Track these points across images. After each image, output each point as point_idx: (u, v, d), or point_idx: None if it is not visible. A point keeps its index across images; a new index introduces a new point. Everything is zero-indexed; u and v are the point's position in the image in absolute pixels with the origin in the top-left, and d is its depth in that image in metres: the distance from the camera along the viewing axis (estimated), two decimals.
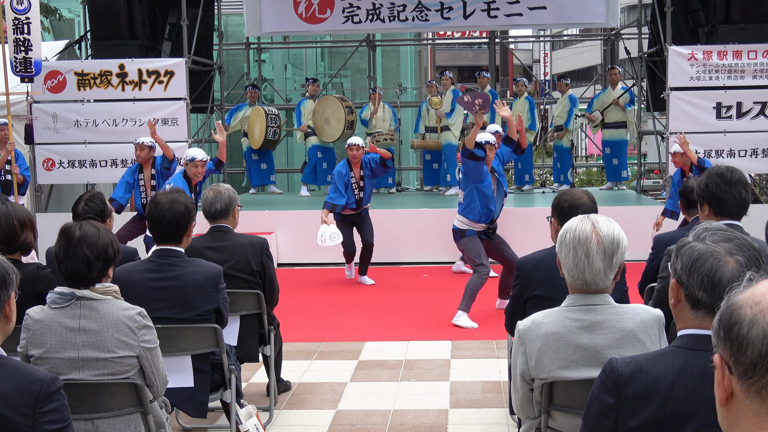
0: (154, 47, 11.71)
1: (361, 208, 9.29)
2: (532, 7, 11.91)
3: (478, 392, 5.72)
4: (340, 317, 8.04)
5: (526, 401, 3.04)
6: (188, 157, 8.30)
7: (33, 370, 2.44)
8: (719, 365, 1.46)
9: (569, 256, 2.82)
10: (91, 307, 3.27)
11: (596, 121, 13.21)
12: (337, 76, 17.18)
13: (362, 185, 9.18)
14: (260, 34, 13.16)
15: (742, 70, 10.27)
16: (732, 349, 1.42)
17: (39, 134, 10.62)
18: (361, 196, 9.21)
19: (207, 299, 4.23)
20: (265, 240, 5.21)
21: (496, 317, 7.34)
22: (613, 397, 2.17)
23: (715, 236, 2.15)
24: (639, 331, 2.84)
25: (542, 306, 3.18)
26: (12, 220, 4.05)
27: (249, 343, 5.04)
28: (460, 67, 39.29)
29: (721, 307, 1.48)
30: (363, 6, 12.15)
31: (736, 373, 1.42)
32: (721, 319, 1.47)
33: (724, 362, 1.45)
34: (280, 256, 10.62)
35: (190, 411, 4.28)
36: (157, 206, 4.19)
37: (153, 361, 3.39)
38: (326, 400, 5.63)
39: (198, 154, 8.30)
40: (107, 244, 3.32)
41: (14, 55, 9.01)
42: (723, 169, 4.22)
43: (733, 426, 1.44)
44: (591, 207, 3.94)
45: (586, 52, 37.53)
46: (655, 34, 11.86)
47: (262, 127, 12.86)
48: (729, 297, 1.47)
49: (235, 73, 17.28)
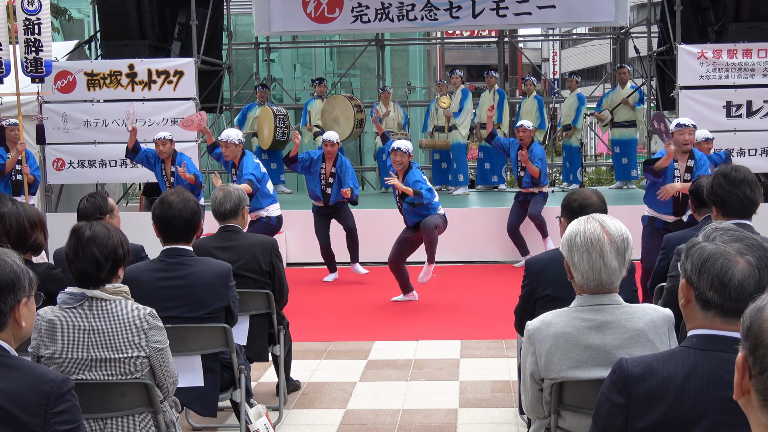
0: (163, 47, 11.74)
1: (329, 203, 9.35)
2: (541, 5, 11.90)
3: (488, 392, 5.72)
4: (349, 317, 8.05)
5: (535, 401, 3.04)
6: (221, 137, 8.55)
7: (44, 370, 2.44)
8: (741, 367, 1.45)
9: (583, 258, 2.81)
10: (102, 307, 3.28)
11: (605, 120, 13.18)
12: (346, 75, 17.19)
13: (331, 182, 9.23)
14: (269, 33, 13.18)
15: (752, 69, 10.24)
16: (755, 367, 1.42)
17: (49, 134, 10.65)
18: (329, 192, 9.27)
19: (217, 297, 4.24)
20: (275, 240, 5.22)
21: (505, 317, 7.33)
22: (623, 397, 2.16)
23: (725, 236, 2.14)
24: (649, 331, 2.83)
25: (552, 306, 3.17)
26: (23, 221, 4.07)
27: (259, 342, 5.05)
28: (469, 66, 39.25)
29: (752, 311, 1.47)
30: (372, 5, 12.15)
31: (754, 386, 1.42)
32: (750, 327, 1.45)
33: (746, 367, 1.44)
34: (290, 255, 10.63)
35: (200, 410, 4.29)
36: (171, 206, 4.18)
37: (163, 361, 3.40)
38: (336, 399, 5.64)
39: (225, 135, 8.49)
40: (117, 244, 3.33)
41: (25, 55, 9.04)
42: (729, 168, 4.22)
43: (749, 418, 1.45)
44: (601, 206, 3.93)
45: (596, 51, 37.42)
46: (665, 32, 11.82)
47: (270, 127, 12.88)
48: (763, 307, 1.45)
49: (244, 72, 17.30)
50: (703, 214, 5.00)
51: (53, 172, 11.09)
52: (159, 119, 10.79)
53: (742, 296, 2.05)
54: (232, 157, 8.44)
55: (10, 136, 9.51)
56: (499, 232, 10.27)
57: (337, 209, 9.42)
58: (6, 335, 2.40)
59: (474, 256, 10.45)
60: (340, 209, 9.42)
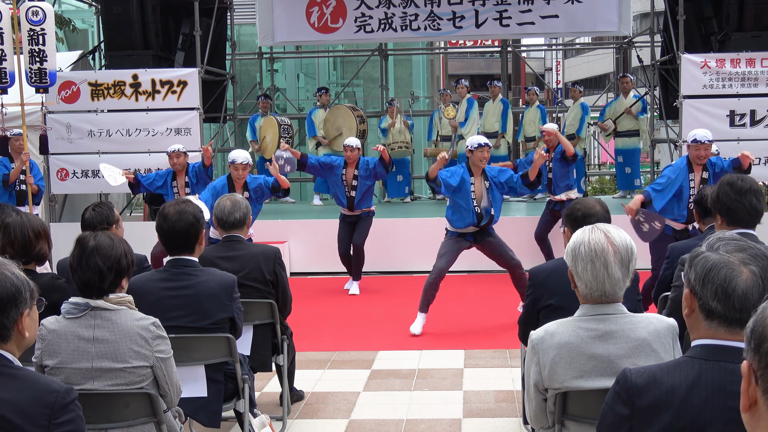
0: (167, 57, 11.77)
1: (354, 208, 9.34)
2: (544, 15, 11.91)
3: (492, 402, 5.71)
4: (353, 326, 8.04)
5: (539, 411, 3.03)
6: (229, 159, 8.18)
7: (48, 380, 2.45)
8: (747, 374, 1.45)
9: (587, 268, 2.81)
10: (106, 317, 3.28)
11: (608, 129, 13.18)
12: (349, 85, 17.22)
13: (354, 185, 9.24)
14: (273, 43, 13.20)
15: (756, 78, 10.24)
16: (761, 363, 1.42)
17: (53, 144, 10.67)
18: (353, 195, 9.26)
19: (221, 308, 4.24)
20: (278, 249, 5.22)
21: (509, 326, 7.33)
22: (627, 408, 2.16)
23: (729, 246, 2.14)
24: (653, 341, 2.83)
25: (555, 316, 3.17)
26: (27, 231, 4.09)
27: (262, 352, 5.05)
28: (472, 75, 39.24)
29: (755, 317, 1.47)
30: (375, 15, 12.17)
31: (761, 386, 1.41)
32: (754, 328, 1.45)
33: (752, 371, 1.44)
34: (293, 265, 10.63)
35: (203, 421, 4.29)
36: (166, 218, 4.20)
37: (167, 371, 3.40)
38: (339, 409, 5.63)
39: (238, 157, 8.04)
40: (121, 255, 3.33)
41: (29, 65, 9.06)
42: (734, 178, 4.21)
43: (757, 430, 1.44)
44: (604, 216, 3.93)
45: (599, 61, 37.48)
46: (668, 42, 11.83)
47: (274, 137, 12.91)
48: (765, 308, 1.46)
49: (247, 82, 17.35)
50: (707, 224, 4.99)
51: (57, 182, 11.11)
52: (163, 129, 10.81)
53: (746, 306, 2.04)
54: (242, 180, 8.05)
55: (14, 146, 9.52)
56: (506, 240, 10.25)
57: (361, 219, 9.44)
58: (10, 346, 2.40)
59: (478, 265, 10.42)
60: (362, 220, 9.44)
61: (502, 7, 11.89)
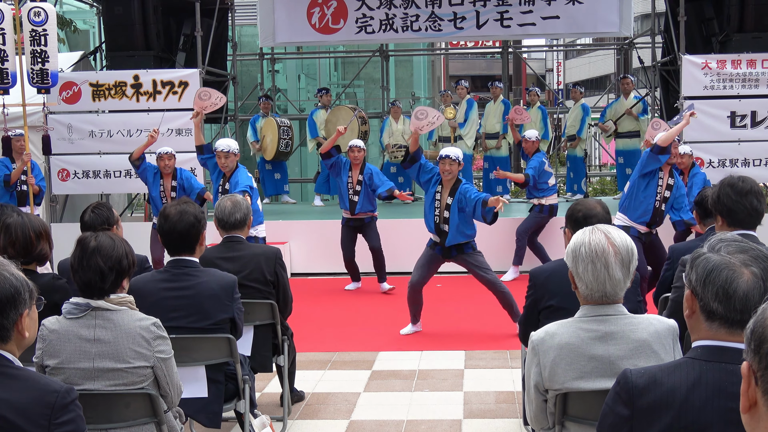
0: (168, 58, 11.78)
1: (356, 212, 9.34)
2: (545, 16, 11.91)
3: (492, 402, 5.71)
4: (353, 327, 8.05)
5: (540, 412, 3.03)
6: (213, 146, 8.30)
7: (48, 380, 2.45)
8: (746, 374, 1.45)
9: (588, 269, 2.81)
10: (107, 317, 3.28)
11: (609, 131, 13.18)
12: (350, 86, 17.22)
13: (358, 189, 9.23)
14: (274, 44, 13.20)
15: (757, 79, 10.24)
16: (761, 365, 1.42)
17: (54, 145, 10.67)
18: (355, 200, 9.26)
19: (222, 308, 4.24)
20: (279, 250, 5.22)
21: (509, 327, 7.33)
22: (628, 409, 2.16)
23: (730, 247, 2.14)
24: (653, 342, 2.83)
25: (556, 317, 3.17)
26: (28, 231, 4.09)
27: (263, 353, 5.05)
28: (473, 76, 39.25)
29: (754, 318, 1.47)
30: (376, 16, 12.17)
31: (761, 387, 1.41)
32: (754, 329, 1.45)
33: (752, 372, 1.44)
34: (294, 265, 10.63)
35: (204, 421, 4.29)
36: (167, 219, 4.22)
37: (168, 372, 3.40)
38: (340, 410, 5.63)
39: (225, 145, 8.03)
40: (122, 255, 3.33)
41: (31, 66, 9.07)
42: (735, 179, 4.21)
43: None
44: (605, 217, 3.94)
45: (600, 62, 37.49)
46: (669, 43, 11.83)
47: (274, 138, 12.91)
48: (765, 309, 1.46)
49: (248, 83, 17.35)
50: (707, 225, 4.99)
51: (58, 183, 11.12)
52: (164, 129, 10.80)
53: (747, 307, 2.04)
54: (228, 168, 8.06)
55: (15, 147, 9.53)
56: (504, 242, 10.26)
57: (365, 224, 9.45)
58: (10, 346, 2.40)
59: None
60: (367, 226, 9.46)
61: (503, 8, 11.89)
